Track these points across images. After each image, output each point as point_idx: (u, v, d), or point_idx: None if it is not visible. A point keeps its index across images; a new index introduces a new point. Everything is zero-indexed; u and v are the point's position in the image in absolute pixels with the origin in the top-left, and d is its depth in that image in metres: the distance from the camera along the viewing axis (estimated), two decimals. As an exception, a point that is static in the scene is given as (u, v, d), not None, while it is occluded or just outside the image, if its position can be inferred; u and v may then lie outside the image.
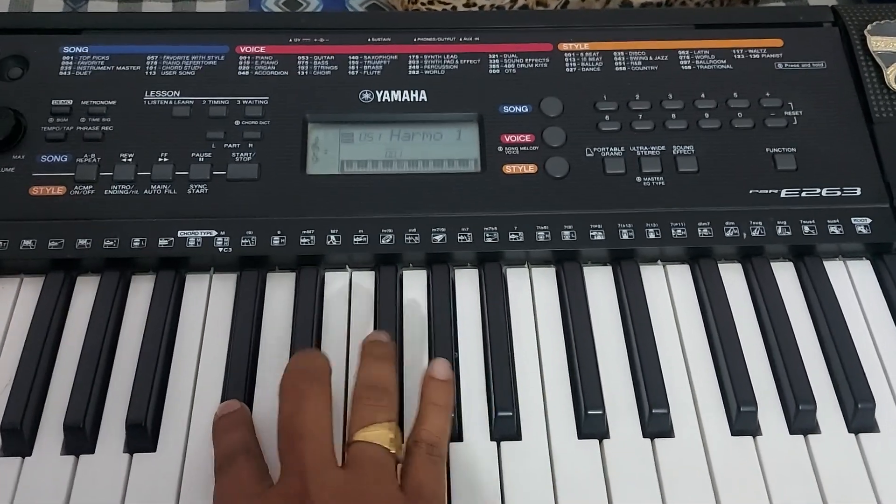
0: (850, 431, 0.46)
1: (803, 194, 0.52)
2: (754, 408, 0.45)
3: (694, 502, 0.43)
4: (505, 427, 0.45)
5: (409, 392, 0.46)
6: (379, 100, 0.54)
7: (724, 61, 0.56)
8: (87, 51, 0.55)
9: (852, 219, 0.51)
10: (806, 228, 0.50)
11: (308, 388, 0.42)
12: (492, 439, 0.45)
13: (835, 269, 0.51)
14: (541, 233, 0.50)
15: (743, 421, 0.45)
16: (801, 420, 0.45)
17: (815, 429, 0.46)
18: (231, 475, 0.41)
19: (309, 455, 0.39)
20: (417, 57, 0.56)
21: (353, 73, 0.55)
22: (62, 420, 0.44)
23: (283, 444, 0.41)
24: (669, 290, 0.51)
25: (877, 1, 0.61)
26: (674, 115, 0.54)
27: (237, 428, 0.44)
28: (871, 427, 0.46)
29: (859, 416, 0.45)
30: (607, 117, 0.54)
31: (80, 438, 0.44)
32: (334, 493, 0.38)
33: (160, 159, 0.51)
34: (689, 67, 0.56)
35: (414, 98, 0.54)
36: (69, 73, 0.54)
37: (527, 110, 0.54)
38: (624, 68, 0.55)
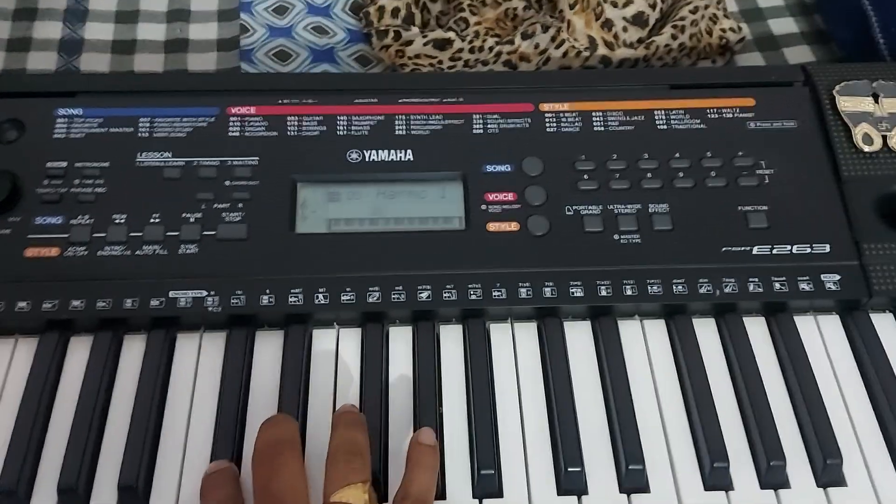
0: (818, 486, 0.47)
1: (775, 251, 0.53)
2: (726, 463, 0.46)
3: (670, 557, 0.45)
4: (487, 485, 0.46)
5: (393, 449, 0.47)
6: (366, 159, 0.56)
7: (698, 121, 0.57)
8: (80, 113, 0.56)
9: (822, 276, 0.52)
10: (777, 285, 0.52)
11: (279, 456, 0.43)
12: (474, 496, 0.46)
13: (805, 325, 0.52)
14: (523, 290, 0.52)
15: (716, 476, 0.46)
16: (772, 475, 0.47)
17: (785, 483, 0.47)
18: None
19: None
20: (403, 117, 0.57)
21: (341, 132, 0.56)
22: (56, 481, 0.45)
23: None
24: (646, 344, 0.52)
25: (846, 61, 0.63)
26: (649, 174, 0.55)
27: (224, 485, 0.45)
28: (839, 482, 0.47)
29: (828, 472, 0.47)
30: (586, 176, 0.55)
31: (73, 500, 0.45)
32: None
33: (152, 220, 0.53)
34: (665, 127, 0.57)
35: (400, 157, 0.56)
36: (64, 135, 0.55)
37: (509, 169, 0.56)
38: (602, 128, 0.57)
